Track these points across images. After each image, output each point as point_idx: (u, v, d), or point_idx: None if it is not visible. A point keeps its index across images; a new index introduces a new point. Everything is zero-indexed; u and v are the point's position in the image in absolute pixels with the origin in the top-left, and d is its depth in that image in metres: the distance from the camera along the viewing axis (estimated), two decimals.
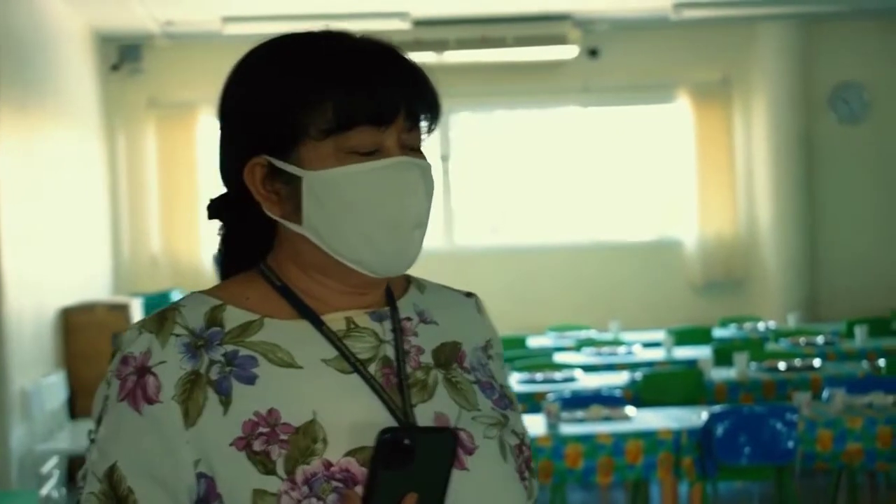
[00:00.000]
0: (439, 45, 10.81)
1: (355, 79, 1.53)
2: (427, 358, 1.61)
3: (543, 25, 10.70)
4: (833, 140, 11.66)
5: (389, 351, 1.58)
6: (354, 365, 1.54)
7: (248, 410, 1.49)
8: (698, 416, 5.92)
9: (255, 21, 10.13)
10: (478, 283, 11.51)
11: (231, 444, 1.48)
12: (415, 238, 1.56)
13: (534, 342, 9.64)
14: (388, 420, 1.52)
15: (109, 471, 1.50)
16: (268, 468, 1.47)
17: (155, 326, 1.53)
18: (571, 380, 7.46)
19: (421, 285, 1.70)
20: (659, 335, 9.31)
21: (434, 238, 11.50)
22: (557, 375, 7.54)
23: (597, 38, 11.32)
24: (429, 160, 1.58)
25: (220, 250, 1.67)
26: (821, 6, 10.85)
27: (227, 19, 10.17)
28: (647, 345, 9.27)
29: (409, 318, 1.63)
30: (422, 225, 1.57)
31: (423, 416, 1.55)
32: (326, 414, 1.50)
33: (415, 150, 1.57)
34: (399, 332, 1.60)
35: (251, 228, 1.61)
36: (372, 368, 1.55)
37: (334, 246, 1.54)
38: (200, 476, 1.49)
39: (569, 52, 10.99)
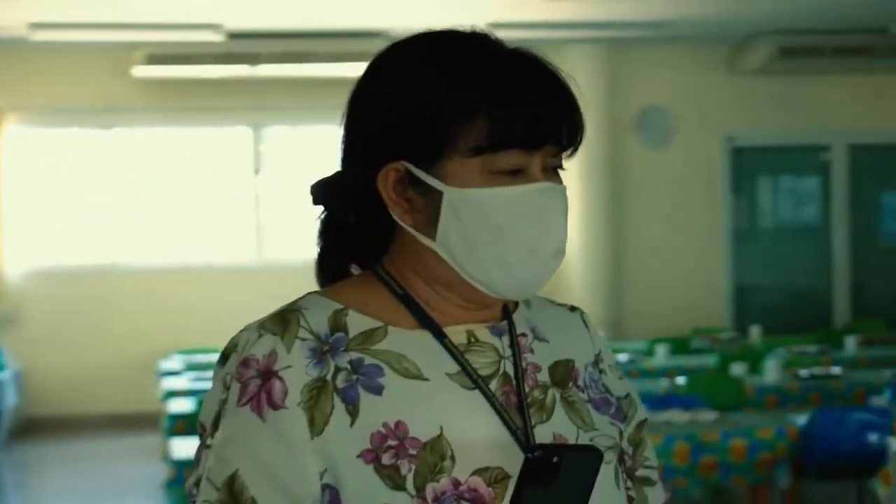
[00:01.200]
0: (252, 59, 10.74)
1: (515, 98, 1.46)
2: (544, 376, 1.55)
3: (358, 42, 10.72)
4: (639, 163, 11.92)
5: (509, 368, 1.52)
6: (477, 381, 1.49)
7: (377, 422, 1.43)
8: None
9: (64, 28, 9.93)
10: (287, 298, 11.50)
11: (358, 456, 1.42)
12: (551, 266, 1.50)
13: None
14: (510, 442, 1.47)
15: (230, 479, 1.42)
16: (397, 483, 1.41)
17: (279, 328, 1.46)
18: None
19: (527, 300, 1.62)
20: None
21: (244, 253, 11.41)
22: None
23: None
24: (564, 183, 1.52)
25: (322, 244, 1.59)
26: (626, 31, 11.09)
27: (35, 25, 9.94)
28: None
29: (524, 334, 1.57)
30: (560, 253, 1.50)
31: (543, 437, 1.50)
32: (452, 430, 1.44)
33: (555, 173, 1.51)
34: (517, 348, 1.54)
35: (366, 228, 1.54)
36: (493, 385, 1.50)
37: (467, 267, 1.48)
38: (325, 487, 1.43)
39: None
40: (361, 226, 1.55)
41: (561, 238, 1.49)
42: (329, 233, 1.59)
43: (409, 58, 1.52)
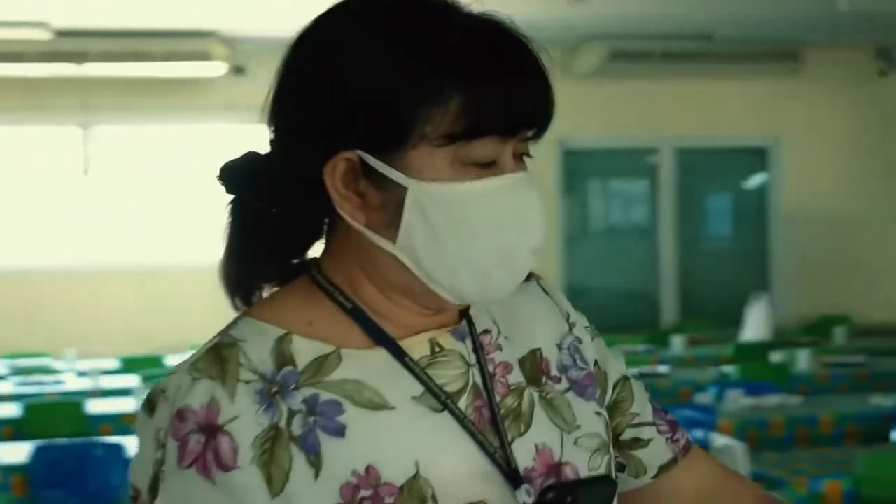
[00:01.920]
0: (79, 57, 10.52)
1: (495, 75, 1.24)
2: (517, 377, 1.36)
3: (189, 41, 10.58)
4: None
5: (477, 377, 1.32)
6: (445, 402, 1.28)
7: (345, 470, 1.22)
8: None
9: None
10: (120, 301, 11.26)
11: None
12: (528, 266, 1.31)
13: (173, 361, 9.48)
14: (488, 468, 1.28)
15: None
16: None
17: (215, 370, 1.22)
18: None
19: None
20: None
21: (77, 255, 11.19)
22: None
23: (244, 56, 11.27)
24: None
25: (231, 243, 1.34)
26: None
27: None
28: None
29: (487, 331, 1.37)
30: (538, 251, 1.30)
31: (523, 451, 1.31)
32: (428, 465, 1.24)
33: (522, 160, 1.31)
34: (480, 350, 1.34)
35: (292, 222, 1.32)
36: (463, 401, 1.29)
37: (433, 273, 1.26)
38: None
39: (215, 69, 10.91)
40: (285, 220, 1.32)
41: (540, 234, 1.29)
42: (241, 229, 1.34)
43: (364, 22, 1.27)
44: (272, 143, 1.33)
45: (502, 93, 1.24)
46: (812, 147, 12.57)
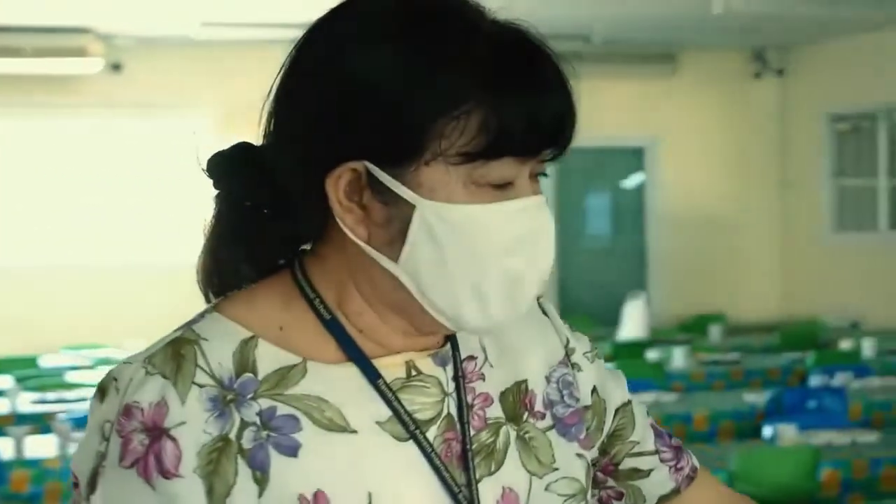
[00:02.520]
0: None
1: (518, 90, 1.15)
2: (496, 411, 1.26)
3: (64, 37, 10.42)
4: None
5: (453, 408, 1.23)
6: (412, 432, 1.19)
7: (291, 492, 1.14)
8: None
9: None
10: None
11: None
12: (531, 298, 1.22)
13: (47, 361, 9.35)
14: None
15: None
16: None
17: (169, 368, 1.15)
18: (84, 399, 7.28)
19: None
20: None
21: None
22: (70, 395, 7.36)
23: (120, 52, 11.13)
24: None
25: (214, 234, 1.25)
26: None
27: None
28: None
29: (472, 357, 1.27)
30: (544, 281, 1.21)
31: (489, 492, 1.22)
32: (383, 498, 1.16)
33: (537, 181, 1.22)
34: (461, 380, 1.24)
35: (286, 223, 1.22)
36: (433, 432, 1.21)
37: (434, 298, 1.17)
38: None
39: (91, 65, 10.76)
40: (275, 220, 1.23)
41: (549, 264, 1.21)
42: (225, 226, 1.25)
43: (383, 21, 1.17)
44: (269, 136, 1.22)
45: (526, 110, 1.15)
46: (688, 148, 12.77)
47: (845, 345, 9.46)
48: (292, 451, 1.15)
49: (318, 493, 1.14)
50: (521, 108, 1.14)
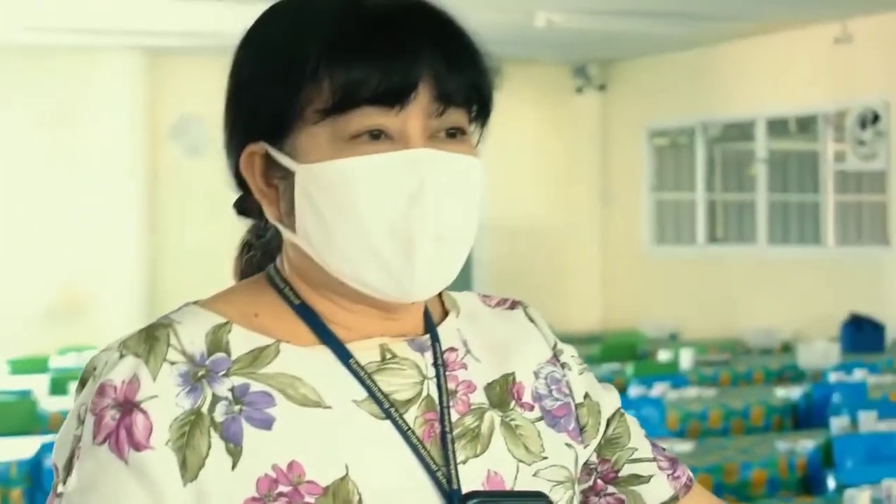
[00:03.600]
0: None
1: (358, 45, 1.18)
2: (480, 397, 1.28)
3: None
4: (176, 172, 11.84)
5: (434, 390, 1.24)
6: (388, 410, 1.21)
7: (265, 463, 1.15)
8: (32, 447, 5.82)
9: None
10: None
11: None
12: (435, 256, 1.20)
13: None
14: (425, 484, 1.20)
15: None
16: None
17: (142, 348, 1.17)
18: None
19: (456, 303, 1.35)
20: None
21: None
22: None
23: None
24: (473, 154, 1.26)
25: (240, 258, 1.34)
26: (162, 40, 11.03)
27: None
28: None
29: (453, 349, 1.29)
30: (442, 238, 1.20)
31: (474, 475, 1.23)
32: (360, 471, 1.17)
33: (450, 139, 1.23)
34: (443, 367, 1.26)
35: (262, 233, 1.31)
36: (411, 413, 1.22)
37: (330, 260, 1.20)
38: None
39: None
40: (246, 213, 1.32)
41: (438, 218, 1.20)
42: (243, 247, 1.36)
43: (277, 10, 1.26)
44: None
45: (373, 62, 1.18)
46: (512, 159, 12.91)
47: (664, 356, 9.63)
48: (266, 424, 1.17)
49: (292, 463, 1.16)
50: (367, 61, 1.18)
